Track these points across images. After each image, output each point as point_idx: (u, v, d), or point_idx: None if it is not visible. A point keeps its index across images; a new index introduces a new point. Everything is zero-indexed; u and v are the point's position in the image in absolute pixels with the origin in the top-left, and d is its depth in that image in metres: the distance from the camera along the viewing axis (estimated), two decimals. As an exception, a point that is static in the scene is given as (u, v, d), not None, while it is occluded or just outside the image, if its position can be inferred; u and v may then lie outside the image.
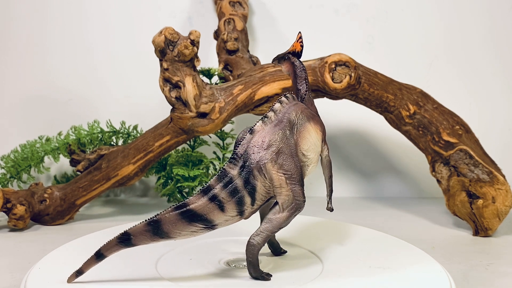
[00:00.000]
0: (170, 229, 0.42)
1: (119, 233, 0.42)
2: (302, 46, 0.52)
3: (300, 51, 0.52)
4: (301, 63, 0.52)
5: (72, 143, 0.79)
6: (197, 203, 0.42)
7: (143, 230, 0.42)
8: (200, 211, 0.42)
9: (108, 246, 0.43)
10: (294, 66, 0.51)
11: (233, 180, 0.42)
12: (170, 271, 0.47)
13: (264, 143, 0.44)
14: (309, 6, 0.96)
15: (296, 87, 0.51)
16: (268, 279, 0.45)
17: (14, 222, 0.70)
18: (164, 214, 0.42)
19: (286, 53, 0.52)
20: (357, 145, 0.95)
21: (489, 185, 0.67)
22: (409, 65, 0.95)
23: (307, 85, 0.50)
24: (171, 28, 0.65)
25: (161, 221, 0.42)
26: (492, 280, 0.54)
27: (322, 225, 0.62)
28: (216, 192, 0.42)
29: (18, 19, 0.95)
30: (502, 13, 0.95)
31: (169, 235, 0.42)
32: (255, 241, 0.45)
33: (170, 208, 0.42)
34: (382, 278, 0.46)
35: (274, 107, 0.46)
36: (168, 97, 0.67)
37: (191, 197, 0.42)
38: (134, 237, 0.42)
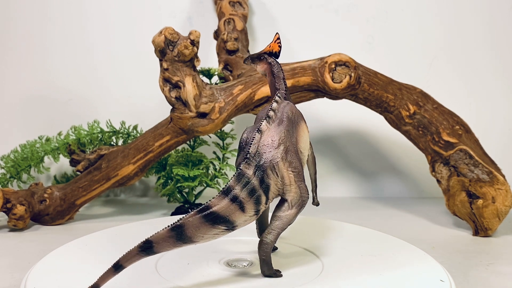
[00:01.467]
0: (194, 233, 0.41)
1: (140, 242, 0.40)
2: (280, 47, 0.52)
3: (278, 52, 0.52)
4: (278, 63, 0.52)
5: (72, 143, 0.79)
6: (219, 205, 0.41)
7: (166, 237, 0.41)
8: (222, 212, 0.41)
9: (128, 257, 0.40)
10: (271, 66, 0.51)
11: (250, 180, 0.42)
12: (170, 271, 0.47)
13: (274, 142, 0.44)
14: (309, 6, 0.96)
15: (275, 87, 0.51)
16: (280, 275, 0.46)
17: (14, 222, 0.70)
18: (187, 219, 0.41)
19: (262, 53, 0.52)
20: (357, 145, 0.95)
21: (489, 185, 0.67)
22: (409, 65, 0.95)
23: (285, 84, 0.51)
24: (171, 28, 0.65)
25: (185, 226, 0.41)
26: (492, 280, 0.54)
27: (322, 225, 0.62)
28: (236, 193, 0.42)
29: (18, 19, 0.95)
30: (501, 13, 0.95)
31: (192, 240, 0.41)
32: (268, 239, 0.45)
33: (192, 212, 0.41)
34: (382, 278, 0.46)
35: (272, 107, 0.46)
36: (168, 97, 0.67)
37: (212, 199, 0.41)
38: (157, 244, 0.41)
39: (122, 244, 0.54)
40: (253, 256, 0.51)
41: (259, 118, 0.47)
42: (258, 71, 0.53)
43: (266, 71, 0.52)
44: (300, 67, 0.71)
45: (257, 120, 0.48)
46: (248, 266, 0.49)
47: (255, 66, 0.53)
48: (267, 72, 0.52)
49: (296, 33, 0.96)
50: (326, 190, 0.95)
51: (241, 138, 0.45)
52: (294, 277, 0.46)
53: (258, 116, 0.48)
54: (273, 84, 0.51)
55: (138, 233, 0.58)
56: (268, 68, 0.51)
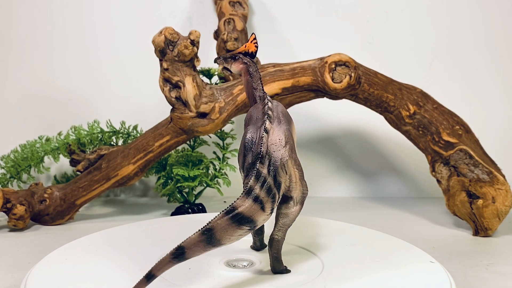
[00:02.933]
0: (222, 235, 0.41)
1: (173, 249, 0.40)
2: (257, 47, 0.53)
3: (254, 52, 0.53)
4: (254, 63, 0.52)
5: (72, 143, 0.79)
6: (244, 206, 0.41)
7: (197, 241, 0.41)
8: (247, 213, 0.42)
9: (161, 265, 0.40)
10: (248, 66, 0.52)
11: (266, 179, 0.43)
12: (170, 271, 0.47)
13: (282, 141, 0.44)
14: (309, 6, 0.96)
15: (252, 86, 0.51)
16: (289, 271, 0.47)
17: (14, 222, 0.70)
18: (216, 221, 0.41)
19: (237, 53, 0.52)
20: (357, 145, 0.95)
21: (489, 185, 0.67)
22: (409, 65, 0.95)
23: (262, 84, 0.51)
24: (171, 28, 0.65)
25: (214, 229, 0.41)
26: (492, 280, 0.54)
27: (322, 225, 0.62)
28: (257, 193, 0.42)
29: (19, 19, 0.95)
30: (501, 13, 0.95)
31: (220, 242, 0.41)
32: (278, 236, 0.46)
33: (219, 214, 0.41)
34: (382, 278, 0.46)
35: (270, 106, 0.46)
36: (168, 97, 0.67)
37: (237, 200, 0.42)
38: (188, 250, 0.41)
39: (123, 244, 0.54)
40: (253, 256, 0.51)
41: (256, 118, 0.47)
42: (233, 71, 0.53)
43: (242, 71, 0.52)
44: (300, 67, 0.71)
45: (253, 119, 0.47)
46: (248, 266, 0.49)
47: (228, 65, 0.53)
48: (242, 72, 0.52)
49: (296, 33, 0.96)
50: (326, 190, 0.95)
51: (246, 139, 0.45)
52: (294, 277, 0.46)
53: (252, 115, 0.48)
54: (249, 84, 0.51)
55: (138, 233, 0.58)
56: (244, 68, 0.52)
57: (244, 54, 0.52)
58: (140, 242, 0.55)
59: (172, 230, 0.59)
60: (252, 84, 0.51)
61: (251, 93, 0.51)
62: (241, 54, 0.52)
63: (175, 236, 0.57)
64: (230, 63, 0.52)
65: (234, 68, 0.52)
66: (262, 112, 0.46)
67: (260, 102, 0.49)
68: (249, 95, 0.51)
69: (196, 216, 0.67)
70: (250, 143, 0.45)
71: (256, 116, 0.47)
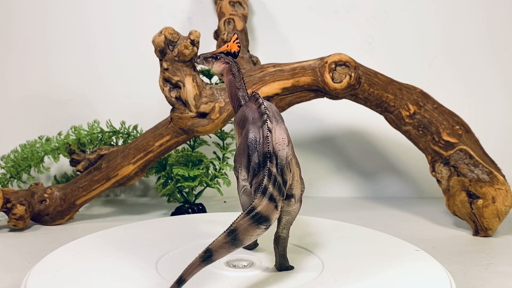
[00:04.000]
0: (244, 235, 0.41)
1: (201, 252, 0.40)
2: (239, 47, 0.52)
3: (237, 52, 0.52)
4: (236, 62, 0.52)
5: (72, 143, 0.79)
6: (262, 205, 0.42)
7: (223, 243, 0.41)
8: (265, 212, 0.42)
9: (191, 270, 0.40)
10: (231, 66, 0.51)
11: (276, 178, 0.43)
12: (170, 271, 0.47)
13: (285, 140, 0.45)
14: (309, 6, 0.96)
15: (236, 86, 0.51)
16: (292, 268, 0.48)
17: (14, 222, 0.70)
18: (239, 222, 0.41)
19: (218, 53, 0.52)
20: (357, 145, 0.95)
21: (489, 185, 0.67)
22: (409, 65, 0.95)
23: (245, 84, 0.51)
24: (171, 28, 0.65)
25: (237, 229, 0.41)
26: (492, 280, 0.54)
27: (322, 225, 0.62)
28: (271, 191, 0.42)
29: (19, 19, 0.95)
30: (501, 13, 0.95)
31: (242, 242, 0.42)
32: (284, 234, 0.47)
33: (241, 215, 0.41)
34: (382, 278, 0.46)
35: (265, 105, 0.46)
36: (168, 97, 0.67)
37: (255, 200, 0.42)
38: (215, 252, 0.40)
39: (123, 244, 0.54)
40: (253, 256, 0.51)
41: (253, 118, 0.47)
42: (214, 70, 0.52)
43: (224, 70, 0.52)
44: (300, 67, 0.71)
45: (249, 119, 0.47)
46: (248, 266, 0.49)
47: (209, 65, 0.52)
48: (225, 71, 0.52)
49: (296, 33, 0.96)
50: (326, 190, 0.95)
51: (249, 139, 0.45)
52: (294, 277, 0.46)
53: (246, 115, 0.47)
54: (232, 84, 0.51)
55: (138, 234, 0.58)
56: (227, 68, 0.52)
57: (226, 54, 0.52)
58: (140, 242, 0.55)
59: (172, 230, 0.59)
60: (235, 84, 0.51)
61: (234, 93, 0.51)
62: (223, 54, 0.52)
63: (175, 236, 0.57)
64: (212, 63, 0.52)
65: (216, 67, 0.52)
66: (258, 112, 0.46)
67: (251, 101, 0.48)
68: (232, 95, 0.51)
69: (196, 216, 0.67)
70: (255, 143, 0.45)
71: (252, 116, 0.47)
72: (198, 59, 0.53)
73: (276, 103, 0.71)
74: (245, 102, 0.50)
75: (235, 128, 0.50)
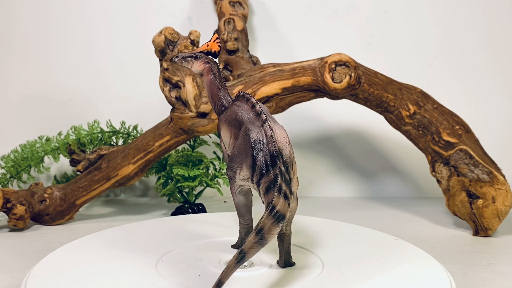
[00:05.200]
0: (268, 234, 0.42)
1: (236, 254, 0.40)
2: (220, 47, 0.52)
3: (217, 51, 0.52)
4: (216, 62, 0.52)
5: (72, 143, 0.79)
6: (280, 203, 0.42)
7: (253, 243, 0.41)
8: (282, 210, 0.42)
9: (228, 271, 0.41)
10: (211, 66, 0.51)
11: (285, 176, 0.43)
12: (170, 271, 0.47)
13: (286, 139, 0.45)
14: (309, 6, 0.96)
15: (217, 86, 0.51)
16: (294, 264, 0.49)
17: (14, 222, 0.70)
18: (264, 221, 0.41)
19: (198, 52, 0.52)
20: (357, 145, 0.95)
21: (489, 185, 0.67)
22: (409, 65, 0.95)
23: (225, 84, 0.51)
24: (171, 28, 0.65)
25: (263, 228, 0.42)
26: (492, 280, 0.54)
27: (322, 225, 0.62)
28: (285, 190, 0.43)
29: (20, 19, 0.95)
30: (501, 13, 0.95)
31: (266, 241, 0.42)
32: (288, 231, 0.48)
33: (265, 214, 0.42)
34: (382, 278, 0.46)
35: (260, 105, 0.46)
36: (168, 97, 0.67)
37: (274, 199, 0.42)
38: (247, 252, 0.41)
39: (123, 244, 0.54)
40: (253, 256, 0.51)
41: (248, 117, 0.47)
42: (194, 70, 0.52)
43: (205, 70, 0.51)
44: (300, 67, 0.71)
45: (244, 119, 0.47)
46: (248, 266, 0.49)
47: (188, 65, 0.52)
48: (205, 71, 0.51)
49: (296, 33, 0.96)
50: (326, 190, 0.95)
51: (252, 138, 0.45)
52: (294, 276, 0.46)
53: (239, 115, 0.47)
54: (214, 84, 0.51)
55: (138, 233, 0.58)
56: (207, 68, 0.51)
57: (206, 54, 0.52)
58: (140, 242, 0.55)
59: (172, 230, 0.59)
60: (216, 84, 0.51)
61: (216, 93, 0.51)
62: (203, 53, 0.52)
63: (175, 236, 0.57)
64: (191, 63, 0.51)
65: (196, 67, 0.52)
66: (253, 112, 0.46)
67: (241, 101, 0.48)
68: (214, 95, 0.51)
69: (196, 216, 0.67)
70: (259, 143, 0.45)
71: (247, 116, 0.47)
72: (176, 59, 0.52)
73: (276, 103, 0.71)
74: (234, 102, 0.49)
75: (223, 128, 0.49)
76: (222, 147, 0.51)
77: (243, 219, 0.51)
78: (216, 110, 0.52)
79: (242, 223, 0.51)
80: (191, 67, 0.52)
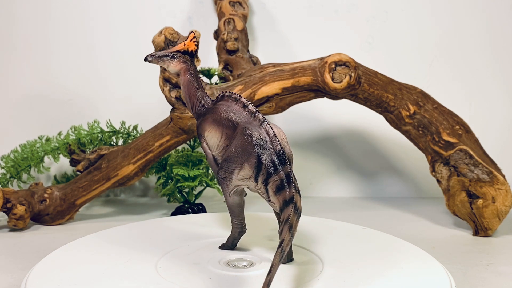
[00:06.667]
0: (295, 229, 0.43)
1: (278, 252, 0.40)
2: (197, 46, 0.51)
3: (194, 51, 0.51)
4: (193, 62, 0.51)
5: (72, 143, 0.79)
6: (299, 200, 0.43)
7: (288, 240, 0.42)
8: (300, 206, 0.43)
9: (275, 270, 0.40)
10: (188, 66, 0.51)
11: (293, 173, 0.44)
12: (170, 271, 0.47)
13: (285, 138, 0.46)
14: (309, 6, 0.96)
15: (195, 86, 0.50)
16: (292, 259, 0.50)
17: (14, 222, 0.70)
18: (292, 218, 0.42)
19: (174, 52, 0.51)
20: (357, 145, 0.95)
21: (489, 185, 0.67)
22: (409, 65, 0.95)
23: (202, 84, 0.51)
24: (171, 28, 0.65)
25: (293, 225, 0.42)
26: (492, 280, 0.54)
27: (322, 225, 0.62)
28: (296, 185, 0.44)
29: (20, 19, 0.95)
30: (501, 13, 0.95)
31: (293, 237, 0.43)
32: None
33: (291, 211, 0.42)
34: (382, 278, 0.46)
35: (252, 105, 0.47)
36: (168, 97, 0.67)
37: (294, 196, 0.43)
38: (285, 248, 0.41)
39: (123, 244, 0.54)
40: (253, 256, 0.51)
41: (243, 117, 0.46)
42: (170, 70, 0.51)
43: (181, 70, 0.51)
44: (300, 67, 0.71)
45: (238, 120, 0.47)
46: (248, 266, 0.49)
47: (164, 65, 0.51)
48: (182, 71, 0.51)
49: (296, 33, 0.96)
50: (326, 190, 0.95)
51: (254, 138, 0.45)
52: (294, 276, 0.46)
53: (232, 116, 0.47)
54: (191, 84, 0.50)
55: (138, 233, 0.58)
56: (184, 68, 0.51)
57: (182, 53, 0.51)
58: (140, 242, 0.55)
59: (172, 230, 0.59)
60: (194, 84, 0.50)
61: (193, 94, 0.50)
62: (179, 53, 0.51)
63: (175, 236, 0.57)
64: (167, 62, 0.51)
65: (173, 67, 0.51)
66: (247, 112, 0.46)
67: (229, 101, 0.48)
68: (191, 96, 0.51)
69: (196, 216, 0.67)
70: (262, 142, 0.45)
71: (240, 116, 0.47)
72: (151, 58, 0.51)
73: (276, 103, 0.71)
74: (218, 102, 0.49)
75: (210, 128, 0.49)
76: (204, 148, 0.50)
77: (237, 219, 0.51)
78: (193, 111, 0.51)
79: (236, 223, 0.51)
80: (168, 66, 0.51)
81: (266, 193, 0.45)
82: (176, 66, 0.51)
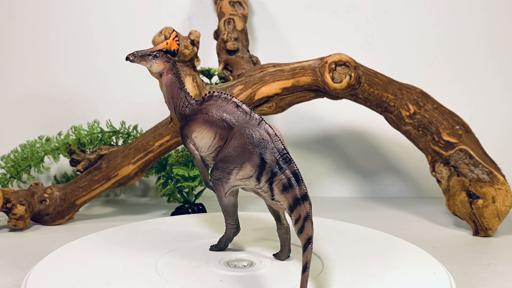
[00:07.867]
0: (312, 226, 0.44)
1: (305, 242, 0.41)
2: (179, 45, 0.51)
3: (176, 50, 0.51)
4: (175, 61, 0.51)
5: (72, 143, 0.79)
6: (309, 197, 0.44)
7: (312, 230, 0.42)
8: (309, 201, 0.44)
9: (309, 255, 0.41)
10: (172, 65, 0.50)
11: None
12: (170, 271, 0.47)
13: (281, 136, 0.46)
14: (309, 6, 0.96)
15: (178, 86, 0.50)
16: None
17: (14, 222, 0.70)
18: (309, 212, 0.43)
19: (157, 51, 0.50)
20: (357, 145, 0.95)
21: (489, 185, 0.67)
22: (409, 65, 0.95)
23: (184, 84, 0.51)
24: (171, 28, 0.65)
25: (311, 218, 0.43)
26: (492, 280, 0.54)
27: (322, 225, 0.62)
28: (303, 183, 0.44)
29: (20, 19, 0.95)
30: (501, 13, 0.95)
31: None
32: (286, 223, 0.50)
33: (309, 206, 0.43)
34: (382, 278, 0.46)
35: (246, 104, 0.47)
36: (168, 97, 0.66)
37: (307, 193, 0.43)
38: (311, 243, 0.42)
39: (123, 244, 0.54)
40: (253, 256, 0.51)
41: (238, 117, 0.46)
42: (152, 69, 0.51)
43: (164, 70, 0.50)
44: (300, 67, 0.71)
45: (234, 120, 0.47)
46: (248, 266, 0.49)
47: (146, 64, 0.50)
48: (164, 71, 0.50)
49: (296, 33, 0.96)
50: (326, 190, 0.95)
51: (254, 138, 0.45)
52: (293, 276, 0.46)
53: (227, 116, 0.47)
54: (174, 84, 0.50)
55: (138, 233, 0.58)
56: (168, 67, 0.50)
57: (165, 52, 0.50)
58: (140, 242, 0.55)
59: (172, 230, 0.59)
60: (177, 84, 0.50)
61: (177, 94, 0.50)
62: (162, 52, 0.50)
63: (175, 236, 0.57)
64: (150, 62, 0.50)
65: (155, 67, 0.50)
66: (240, 111, 0.47)
67: (220, 101, 0.48)
68: (174, 96, 0.50)
69: (196, 216, 0.67)
70: (263, 141, 0.45)
71: (235, 116, 0.47)
72: (132, 56, 0.50)
73: (276, 103, 0.71)
74: (206, 102, 0.48)
75: (201, 129, 0.48)
76: (192, 149, 0.49)
77: (232, 220, 0.51)
78: (177, 111, 0.51)
79: (231, 223, 0.51)
80: (150, 66, 0.50)
81: (270, 192, 0.45)
82: (159, 66, 0.50)
